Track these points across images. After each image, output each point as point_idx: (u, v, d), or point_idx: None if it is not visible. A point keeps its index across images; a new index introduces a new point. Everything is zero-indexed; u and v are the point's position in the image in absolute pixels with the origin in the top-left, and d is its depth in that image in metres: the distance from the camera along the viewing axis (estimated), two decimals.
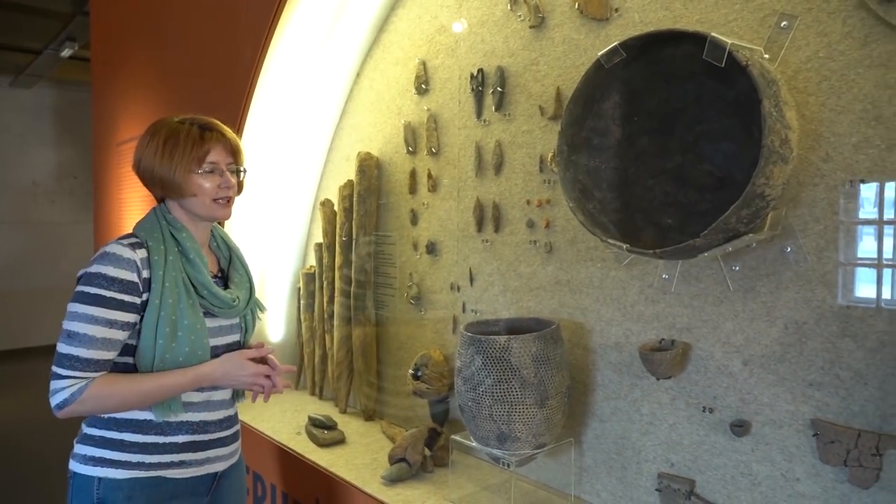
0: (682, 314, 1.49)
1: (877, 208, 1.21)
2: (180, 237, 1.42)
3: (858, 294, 1.23)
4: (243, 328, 1.55)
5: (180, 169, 1.39)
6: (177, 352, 1.36)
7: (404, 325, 2.31)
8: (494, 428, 1.56)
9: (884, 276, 1.21)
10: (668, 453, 1.52)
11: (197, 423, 1.43)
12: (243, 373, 1.43)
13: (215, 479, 1.49)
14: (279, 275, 2.84)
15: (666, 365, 1.44)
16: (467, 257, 2.04)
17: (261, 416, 2.46)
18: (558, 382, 1.57)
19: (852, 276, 1.24)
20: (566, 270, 1.74)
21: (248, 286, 1.55)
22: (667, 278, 1.52)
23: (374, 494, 1.76)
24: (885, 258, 1.21)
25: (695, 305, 1.47)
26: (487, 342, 1.55)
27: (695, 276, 1.47)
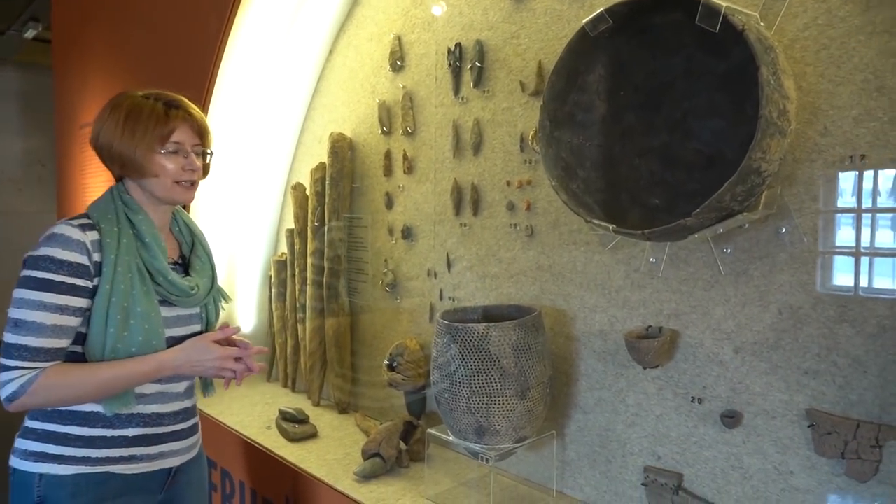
0: (670, 300, 1.41)
1: (876, 186, 1.14)
2: (136, 219, 1.32)
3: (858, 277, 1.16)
4: (204, 318, 1.46)
5: (142, 147, 1.29)
6: (129, 341, 1.26)
7: (379, 314, 2.21)
8: (472, 421, 1.47)
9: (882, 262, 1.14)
10: (654, 446, 1.45)
11: (149, 415, 1.33)
12: (208, 356, 1.32)
13: (170, 474, 1.39)
14: (249, 262, 2.72)
15: (653, 353, 1.36)
16: (444, 242, 1.94)
17: (229, 409, 2.35)
18: (540, 373, 1.49)
19: (851, 258, 1.17)
20: (548, 255, 1.65)
21: (210, 274, 1.46)
22: (654, 262, 1.44)
23: (346, 492, 1.66)
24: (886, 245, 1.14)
25: (683, 290, 1.39)
26: (465, 331, 1.46)
27: (683, 259, 1.39)
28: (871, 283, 1.15)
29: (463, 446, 1.54)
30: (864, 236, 1.15)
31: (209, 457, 2.25)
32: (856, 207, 1.16)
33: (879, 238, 1.14)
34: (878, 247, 1.14)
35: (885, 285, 1.13)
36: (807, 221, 1.21)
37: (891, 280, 1.13)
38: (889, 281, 1.13)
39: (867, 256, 1.15)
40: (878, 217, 1.14)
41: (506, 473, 1.76)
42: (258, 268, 2.73)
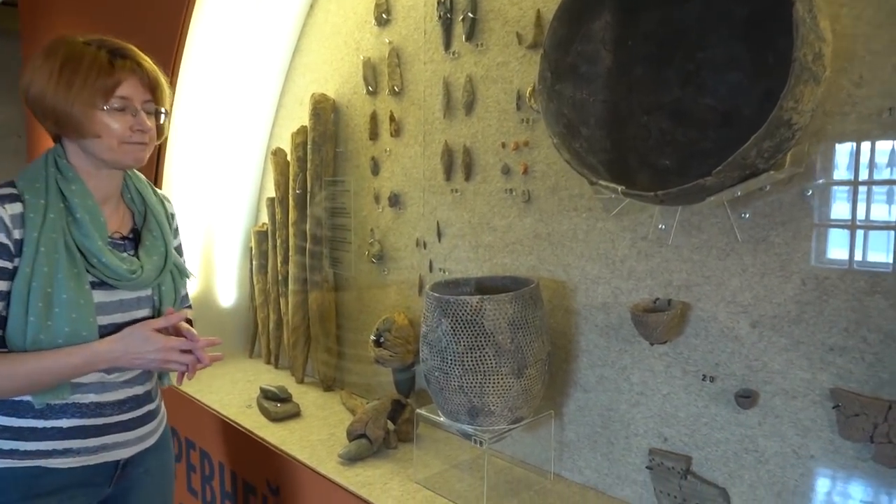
0: (681, 270, 1.30)
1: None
2: (69, 190, 1.14)
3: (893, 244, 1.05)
4: (157, 301, 1.28)
5: (80, 102, 1.11)
6: (54, 332, 1.11)
7: (365, 287, 2.09)
8: (465, 401, 1.36)
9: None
10: (661, 427, 1.35)
11: (87, 405, 1.19)
12: (149, 347, 1.16)
13: (119, 467, 1.25)
14: (229, 233, 2.58)
15: (662, 328, 1.25)
16: (434, 210, 1.81)
17: (209, 387, 2.23)
18: (538, 349, 1.37)
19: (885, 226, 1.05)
20: (546, 222, 1.53)
21: (162, 251, 1.28)
22: (663, 229, 1.32)
23: (330, 476, 1.55)
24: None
25: (695, 259, 1.27)
26: (457, 304, 1.34)
27: (696, 225, 1.27)
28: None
29: (455, 428, 1.43)
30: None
31: (188, 437, 2.15)
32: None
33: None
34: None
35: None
36: (837, 177, 1.09)
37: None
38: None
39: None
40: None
41: (500, 455, 1.65)
42: (238, 239, 2.59)
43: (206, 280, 2.54)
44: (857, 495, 1.09)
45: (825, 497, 1.13)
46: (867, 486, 1.08)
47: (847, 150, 1.08)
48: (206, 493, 2.07)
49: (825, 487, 1.13)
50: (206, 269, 2.54)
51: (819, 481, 1.13)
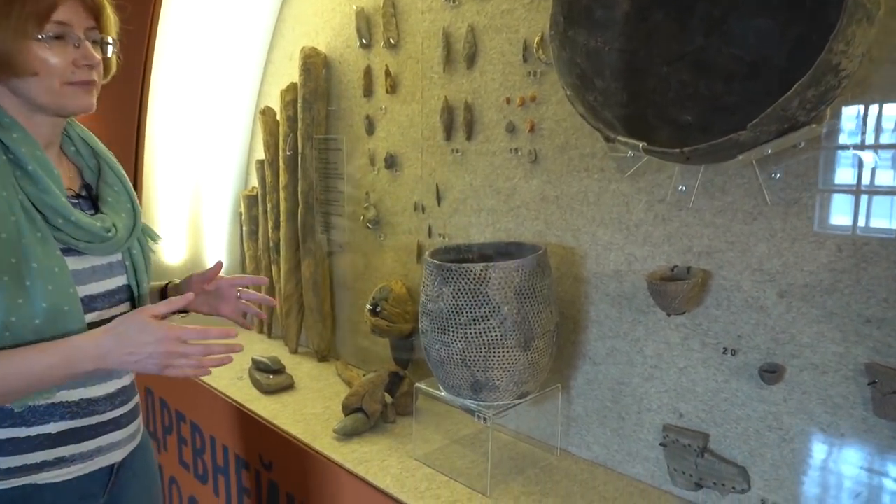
0: (702, 235, 1.20)
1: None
2: (9, 139, 0.94)
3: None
4: (130, 268, 1.10)
5: (9, 30, 0.90)
6: (29, 310, 0.92)
7: (361, 254, 1.99)
8: (468, 375, 1.28)
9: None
10: (676, 402, 1.27)
11: (77, 402, 1.01)
12: (147, 339, 0.93)
13: (113, 472, 1.09)
14: (217, 198, 2.46)
15: (682, 298, 1.16)
16: (434, 172, 1.70)
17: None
18: (545, 320, 1.28)
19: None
20: (555, 184, 1.42)
21: (129, 207, 1.10)
22: (683, 190, 1.21)
23: (325, 452, 1.48)
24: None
25: (718, 224, 1.17)
26: (459, 272, 1.24)
27: (720, 186, 1.16)
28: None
29: (457, 403, 1.35)
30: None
31: (178, 409, 2.07)
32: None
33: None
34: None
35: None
36: (883, 137, 0.98)
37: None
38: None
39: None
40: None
41: (503, 429, 1.58)
42: (227, 204, 2.47)
43: (194, 247, 2.44)
44: (892, 478, 1.02)
45: (855, 479, 1.05)
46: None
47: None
48: (197, 467, 2.01)
49: (856, 469, 1.05)
50: (193, 235, 2.43)
51: (849, 462, 1.06)
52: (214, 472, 1.91)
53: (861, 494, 1.05)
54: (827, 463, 1.08)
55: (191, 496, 2.07)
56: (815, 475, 1.10)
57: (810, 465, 1.10)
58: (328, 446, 1.51)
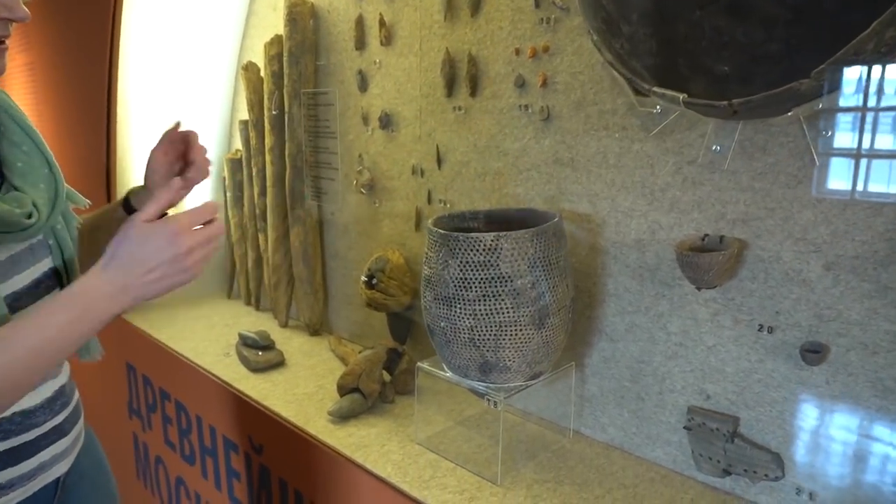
0: (737, 200, 1.08)
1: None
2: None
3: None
4: (56, 248, 0.91)
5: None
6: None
7: (354, 221, 1.85)
8: (477, 356, 1.16)
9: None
10: (703, 383, 1.16)
11: (10, 418, 0.84)
12: (159, 244, 0.75)
13: (58, 486, 0.95)
14: None
15: (716, 270, 1.04)
16: (433, 132, 1.56)
17: (181, 332, 2.03)
18: (562, 294, 1.17)
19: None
20: (570, 144, 1.29)
21: (46, 173, 0.89)
22: (717, 151, 1.09)
23: (319, 436, 1.37)
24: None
25: (757, 188, 1.05)
26: (468, 243, 1.12)
27: (760, 146, 1.04)
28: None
29: (463, 384, 1.24)
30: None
31: (162, 387, 1.96)
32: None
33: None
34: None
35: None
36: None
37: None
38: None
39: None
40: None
41: (511, 409, 1.48)
42: (211, 168, 2.32)
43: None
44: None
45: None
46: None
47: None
48: (184, 447, 1.90)
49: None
50: None
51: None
52: (202, 453, 1.81)
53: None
54: (873, 451, 0.98)
55: (178, 476, 1.97)
56: (860, 464, 1.00)
57: (854, 453, 1.00)
58: (323, 430, 1.40)
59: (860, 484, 1.00)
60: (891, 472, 0.97)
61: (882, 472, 0.98)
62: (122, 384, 2.22)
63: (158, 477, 2.10)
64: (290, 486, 1.46)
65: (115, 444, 2.35)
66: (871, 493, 0.99)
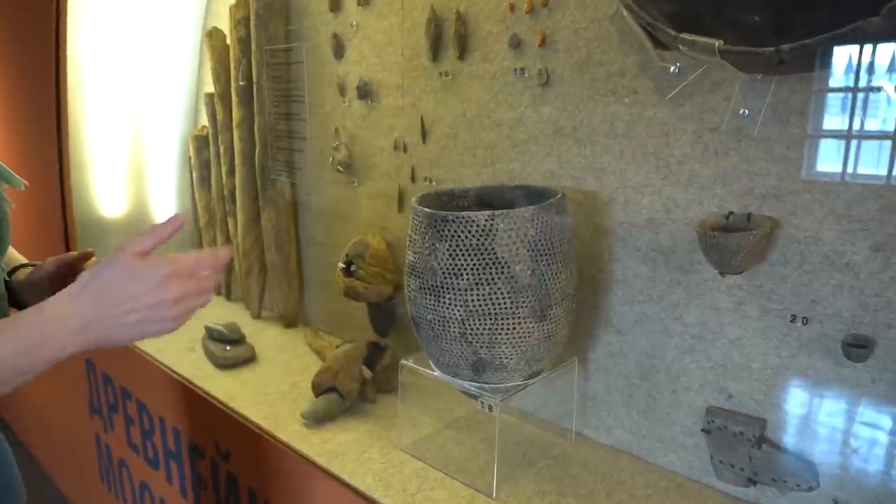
0: (769, 172, 0.93)
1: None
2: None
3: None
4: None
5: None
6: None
7: (331, 203, 1.69)
8: (469, 352, 1.02)
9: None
10: (724, 381, 1.03)
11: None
12: (144, 286, 0.66)
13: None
14: (163, 140, 2.13)
15: (746, 252, 0.90)
16: (418, 101, 1.40)
17: None
18: (565, 282, 1.02)
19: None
20: (572, 112, 1.14)
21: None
22: (745, 115, 0.94)
23: (290, 443, 1.22)
24: None
25: (792, 158, 0.91)
26: (458, 223, 0.96)
27: (797, 108, 0.90)
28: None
29: (454, 385, 1.10)
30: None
31: (122, 385, 1.79)
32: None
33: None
34: None
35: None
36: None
37: None
38: None
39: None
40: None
41: (506, 408, 1.34)
42: (174, 147, 2.14)
43: (136, 198, 2.11)
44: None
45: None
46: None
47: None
48: (147, 450, 1.74)
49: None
50: (136, 184, 2.10)
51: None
52: (166, 457, 1.65)
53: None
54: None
55: (142, 481, 1.81)
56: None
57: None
58: (296, 435, 1.25)
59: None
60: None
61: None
62: (81, 382, 2.05)
63: (122, 480, 1.95)
64: (260, 496, 1.31)
65: (76, 445, 2.18)
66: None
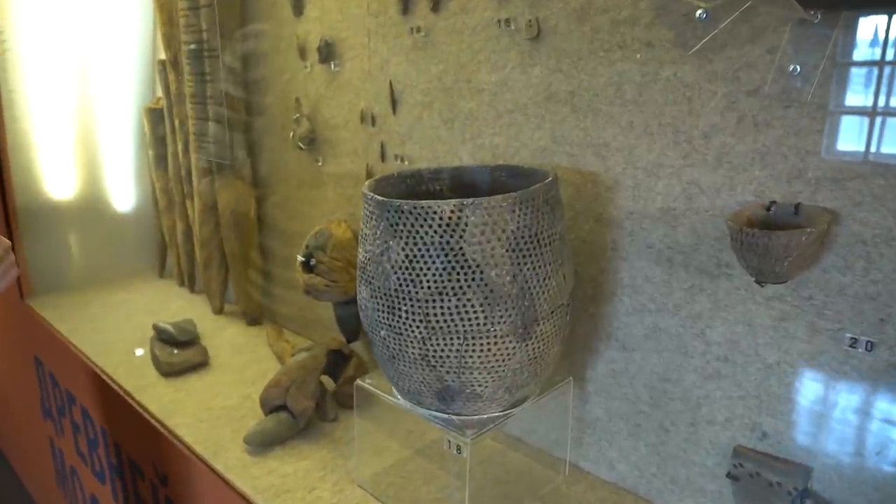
0: (827, 150, 0.71)
1: None
2: None
3: None
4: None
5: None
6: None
7: (295, 185, 1.47)
8: (433, 378, 0.80)
9: None
10: (757, 415, 0.81)
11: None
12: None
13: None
14: (116, 114, 1.91)
15: (797, 256, 0.68)
16: (386, 63, 1.17)
17: (91, 323, 1.66)
18: (555, 290, 0.80)
19: None
20: (569, 73, 0.91)
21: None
22: (796, 72, 0.71)
23: (225, 474, 1.02)
24: None
25: None
26: (416, 215, 0.74)
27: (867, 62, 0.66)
28: None
29: (418, 414, 0.89)
30: None
31: (68, 389, 1.60)
32: None
33: None
34: None
35: None
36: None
37: None
38: None
39: None
40: None
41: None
42: (129, 122, 1.92)
43: (88, 179, 1.90)
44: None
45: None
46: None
47: None
48: (93, 461, 1.56)
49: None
50: (86, 164, 1.89)
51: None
52: (111, 472, 1.46)
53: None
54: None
55: (92, 495, 1.63)
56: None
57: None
58: (235, 464, 1.04)
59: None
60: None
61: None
62: (32, 382, 1.87)
63: (75, 490, 1.77)
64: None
65: (34, 448, 2.01)
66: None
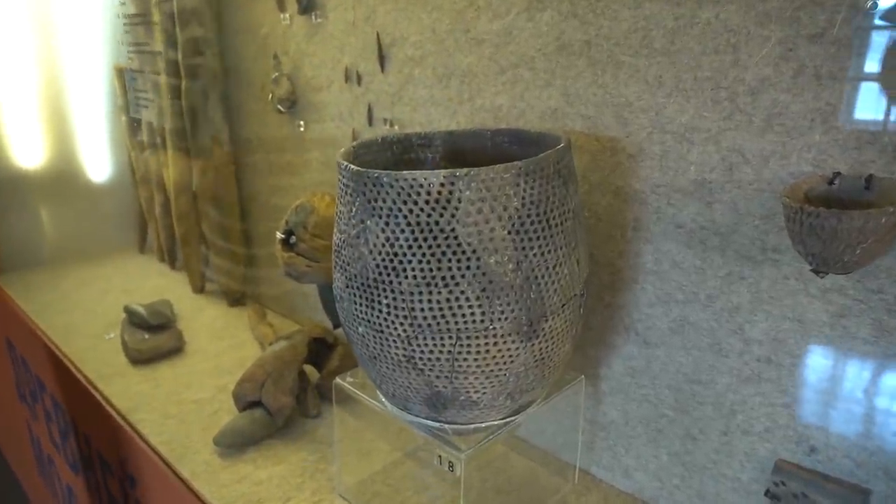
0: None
1: None
2: None
3: None
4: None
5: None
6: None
7: (276, 151, 1.33)
8: (420, 383, 0.68)
9: None
10: (805, 427, 0.69)
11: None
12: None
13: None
14: (87, 73, 1.76)
15: (873, 240, 0.54)
16: (373, 13, 1.02)
17: (60, 303, 1.54)
18: (567, 279, 0.67)
19: None
20: (584, 18, 0.76)
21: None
22: (877, 8, 0.57)
23: (190, 481, 0.90)
24: None
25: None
26: (398, 188, 0.61)
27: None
28: None
29: (406, 422, 0.76)
30: None
31: (38, 375, 1.49)
32: None
33: None
34: None
35: None
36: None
37: None
38: None
39: None
40: None
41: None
42: (101, 83, 1.77)
43: (58, 145, 1.76)
44: None
45: None
46: None
47: None
48: (67, 451, 1.45)
49: None
50: (55, 128, 1.75)
51: None
52: (83, 464, 1.36)
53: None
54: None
55: (68, 485, 1.54)
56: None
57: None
58: (203, 468, 0.93)
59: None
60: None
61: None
62: (6, 364, 1.76)
63: (53, 479, 1.68)
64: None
65: (10, 434, 1.92)
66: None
